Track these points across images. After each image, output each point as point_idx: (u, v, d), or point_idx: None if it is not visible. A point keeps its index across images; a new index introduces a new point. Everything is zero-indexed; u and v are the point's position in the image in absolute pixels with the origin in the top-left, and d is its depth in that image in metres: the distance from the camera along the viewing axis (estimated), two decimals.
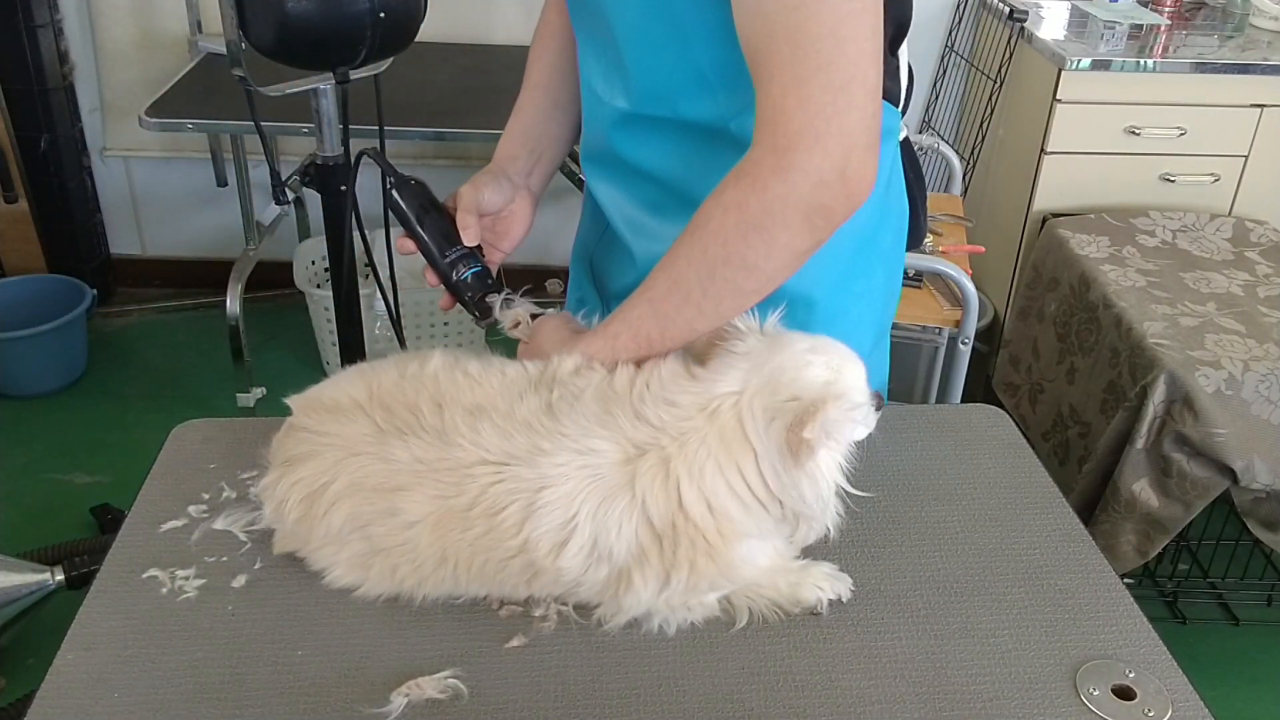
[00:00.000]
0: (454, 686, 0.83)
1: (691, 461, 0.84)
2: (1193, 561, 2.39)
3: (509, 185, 1.17)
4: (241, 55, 1.78)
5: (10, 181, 2.97)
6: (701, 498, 0.84)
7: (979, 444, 1.15)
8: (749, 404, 0.85)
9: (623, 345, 0.95)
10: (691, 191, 1.06)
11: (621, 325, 0.95)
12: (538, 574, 0.87)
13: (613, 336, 0.95)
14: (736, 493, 0.85)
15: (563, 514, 0.84)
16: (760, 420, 0.84)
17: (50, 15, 2.89)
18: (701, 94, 1.03)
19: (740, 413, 0.85)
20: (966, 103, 3.04)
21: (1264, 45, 2.72)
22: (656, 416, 0.86)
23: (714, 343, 0.91)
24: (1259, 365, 2.00)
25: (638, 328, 0.94)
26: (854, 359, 0.90)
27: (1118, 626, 0.92)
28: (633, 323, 0.94)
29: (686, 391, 0.87)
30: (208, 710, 0.81)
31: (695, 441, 0.85)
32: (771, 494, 0.85)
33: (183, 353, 3.08)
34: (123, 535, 0.98)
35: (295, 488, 0.91)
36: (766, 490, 0.85)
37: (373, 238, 1.60)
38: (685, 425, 0.85)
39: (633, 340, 0.94)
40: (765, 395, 0.85)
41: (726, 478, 0.84)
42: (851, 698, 0.84)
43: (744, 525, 0.86)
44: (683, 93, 1.03)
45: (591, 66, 1.12)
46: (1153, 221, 2.58)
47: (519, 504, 0.85)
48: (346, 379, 0.97)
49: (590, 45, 1.11)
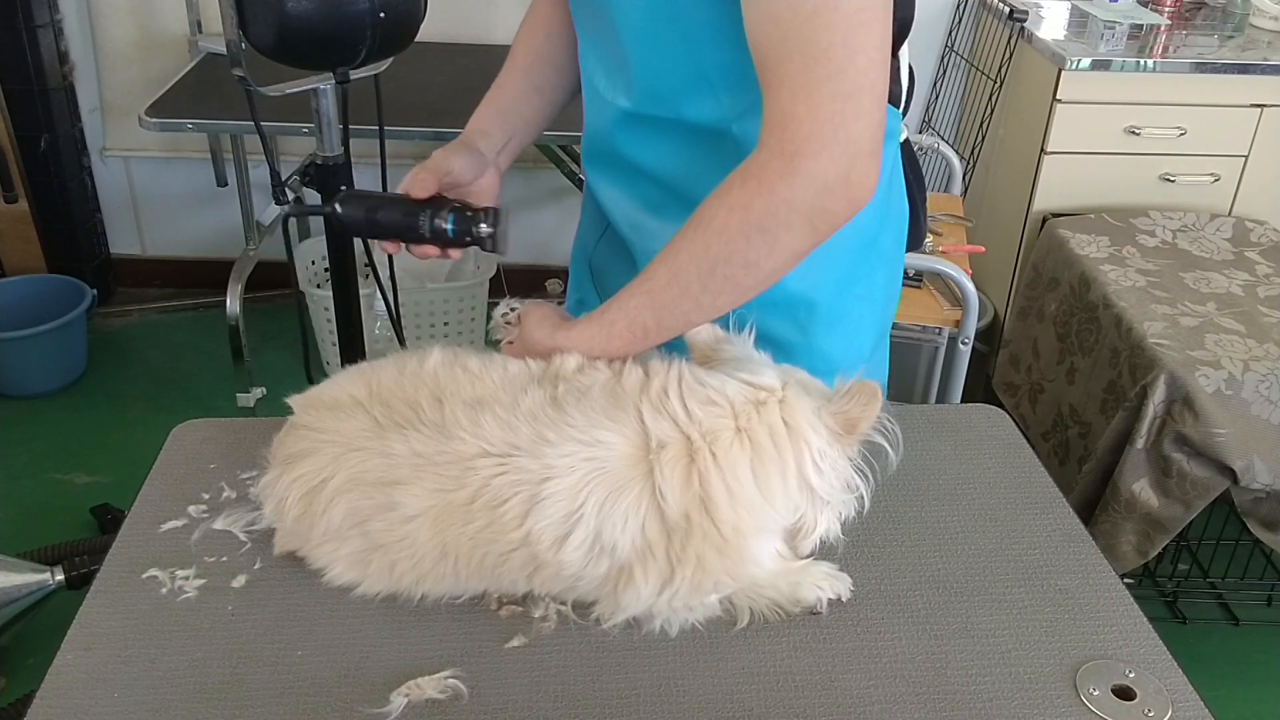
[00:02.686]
0: (454, 686, 0.83)
1: (726, 455, 0.85)
2: (1193, 561, 2.39)
3: (480, 158, 1.15)
4: (241, 55, 1.78)
5: (10, 181, 2.97)
6: (727, 491, 0.84)
7: (979, 444, 1.15)
8: (794, 398, 0.87)
9: (618, 334, 0.95)
10: (692, 192, 1.06)
11: (618, 314, 0.95)
12: (539, 568, 0.87)
13: (608, 325, 0.95)
14: (768, 487, 0.85)
15: (567, 505, 0.84)
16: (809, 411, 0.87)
17: (50, 15, 2.89)
18: (704, 95, 1.03)
19: (786, 406, 0.87)
20: (966, 103, 3.04)
21: (1264, 45, 2.72)
22: (689, 411, 0.86)
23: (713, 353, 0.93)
24: (1259, 365, 2.00)
25: (634, 317, 0.94)
26: None
27: (1118, 626, 0.92)
28: (630, 312, 0.95)
29: (729, 383, 0.88)
30: (208, 710, 0.81)
31: (728, 435, 0.85)
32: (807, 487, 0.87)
33: (183, 353, 3.08)
34: (123, 535, 0.98)
35: (294, 485, 0.91)
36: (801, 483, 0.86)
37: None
38: (720, 422, 0.86)
39: (628, 329, 0.95)
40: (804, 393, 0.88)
41: (757, 472, 0.85)
42: (851, 698, 0.84)
43: (764, 519, 0.86)
44: (686, 94, 1.04)
45: (594, 65, 1.12)
46: (1153, 221, 2.58)
47: (522, 496, 0.84)
48: (346, 377, 0.97)
49: (592, 43, 1.11)
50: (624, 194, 1.16)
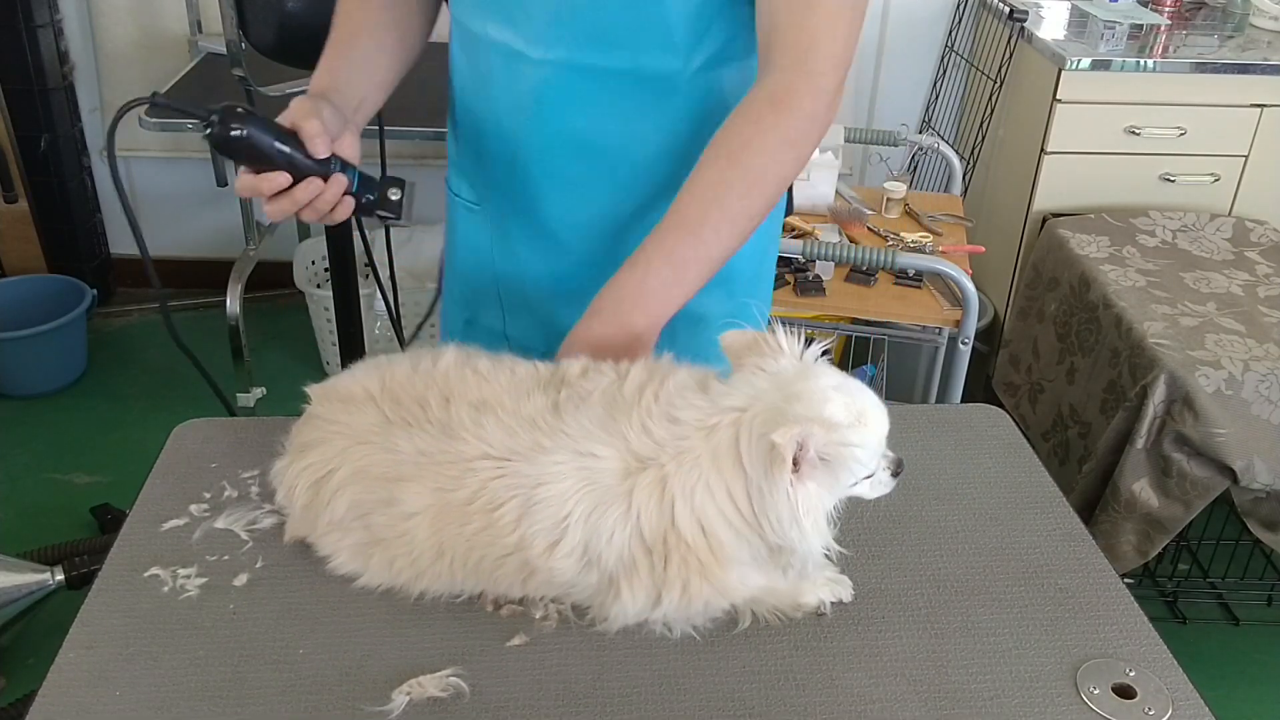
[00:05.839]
0: (455, 685, 0.83)
1: (686, 480, 0.83)
2: (1193, 561, 2.39)
3: (340, 115, 1.06)
4: (241, 55, 1.79)
5: (10, 181, 2.97)
6: (694, 519, 0.83)
7: (979, 444, 1.15)
8: (749, 424, 0.82)
9: (655, 271, 0.98)
10: (626, 152, 1.09)
11: (654, 251, 0.99)
12: (532, 573, 0.87)
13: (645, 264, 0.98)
14: (726, 516, 0.83)
15: (556, 512, 0.84)
16: (755, 440, 0.81)
17: (50, 15, 2.89)
18: (664, 45, 1.05)
19: (738, 432, 0.82)
20: (966, 103, 3.04)
21: (1264, 45, 2.72)
22: (659, 431, 0.85)
23: (747, 356, 0.89)
24: (1259, 365, 2.00)
25: (671, 249, 0.98)
26: (879, 410, 0.87)
27: (1118, 626, 0.92)
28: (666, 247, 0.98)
29: (691, 406, 0.85)
30: (209, 708, 0.82)
31: (690, 460, 0.83)
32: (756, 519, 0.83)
33: (183, 353, 3.07)
34: (124, 534, 0.98)
35: (304, 473, 0.92)
36: (754, 515, 0.83)
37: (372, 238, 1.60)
38: (683, 444, 0.84)
39: (666, 264, 0.98)
40: (768, 418, 0.82)
41: (716, 500, 0.83)
42: (852, 696, 0.84)
43: (735, 551, 0.84)
44: (644, 42, 1.05)
45: (512, 28, 1.08)
46: (1153, 221, 2.58)
47: (517, 500, 0.85)
48: (362, 370, 0.97)
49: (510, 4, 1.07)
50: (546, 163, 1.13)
